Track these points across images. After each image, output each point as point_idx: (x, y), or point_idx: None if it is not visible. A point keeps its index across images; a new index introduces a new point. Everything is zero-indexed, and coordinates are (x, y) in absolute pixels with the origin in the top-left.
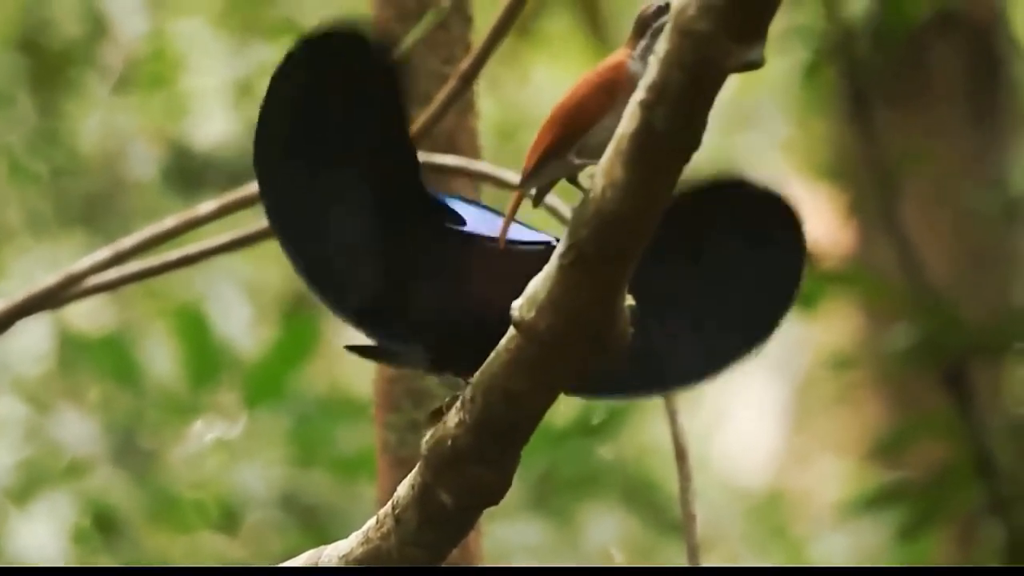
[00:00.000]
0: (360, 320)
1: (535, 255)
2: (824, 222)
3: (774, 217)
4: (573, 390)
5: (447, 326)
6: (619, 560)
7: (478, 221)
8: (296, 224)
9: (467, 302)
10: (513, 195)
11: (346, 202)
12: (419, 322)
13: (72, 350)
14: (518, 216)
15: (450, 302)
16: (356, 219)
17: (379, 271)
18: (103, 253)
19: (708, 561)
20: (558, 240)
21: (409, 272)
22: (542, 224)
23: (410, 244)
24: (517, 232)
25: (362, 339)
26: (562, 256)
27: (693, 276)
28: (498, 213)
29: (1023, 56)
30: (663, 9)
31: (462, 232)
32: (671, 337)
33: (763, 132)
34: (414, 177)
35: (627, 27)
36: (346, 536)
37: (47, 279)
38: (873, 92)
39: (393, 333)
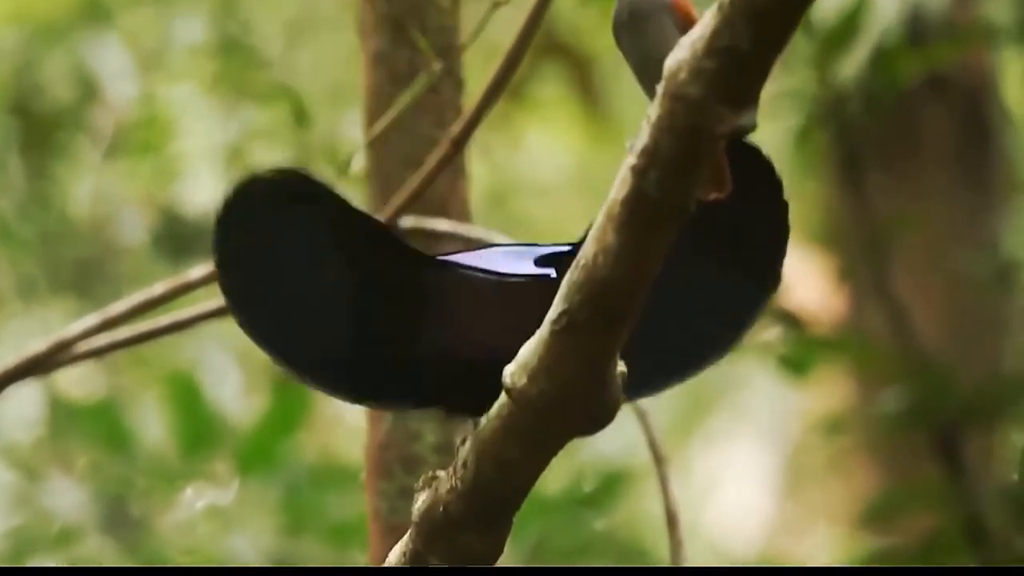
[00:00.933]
0: (361, 392)
1: (531, 288)
2: (815, 287)
3: (752, 172)
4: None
5: (449, 369)
6: None
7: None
8: (270, 311)
9: (466, 340)
10: None
11: (319, 275)
12: (415, 368)
13: (62, 417)
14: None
15: (448, 343)
16: (334, 285)
17: (366, 321)
18: (93, 319)
19: None
20: (569, 248)
21: (397, 316)
22: None
23: (394, 286)
24: (516, 259)
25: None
26: (554, 322)
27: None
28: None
29: (1013, 121)
30: None
31: (452, 267)
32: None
33: None
34: (394, 244)
35: (618, 92)
36: None
37: (37, 345)
38: (864, 156)
39: (401, 390)
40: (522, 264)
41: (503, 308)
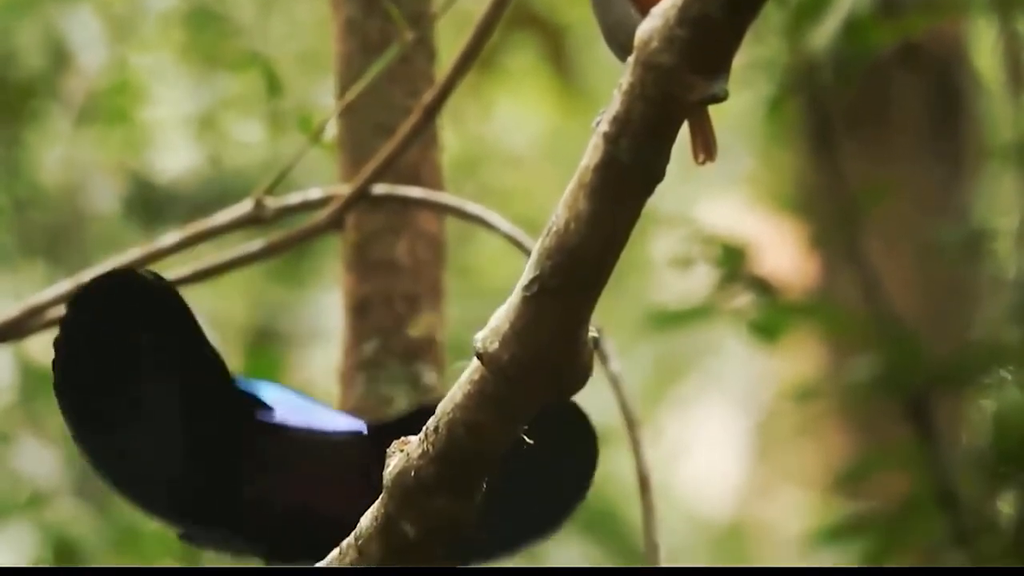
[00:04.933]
0: (182, 521)
1: (341, 443)
2: (788, 254)
3: (572, 426)
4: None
5: (265, 518)
6: None
7: (288, 408)
8: (106, 440)
9: (279, 493)
10: None
11: (151, 414)
12: (238, 516)
13: (33, 382)
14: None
15: (263, 494)
16: (163, 426)
17: (192, 471)
18: (65, 285)
19: None
20: (368, 427)
21: (222, 469)
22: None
23: (221, 441)
24: (324, 420)
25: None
26: (525, 288)
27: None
28: (308, 399)
29: (984, 90)
30: None
31: (271, 424)
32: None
33: (726, 165)
34: (220, 377)
35: (590, 63)
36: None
37: (9, 311)
38: (836, 125)
39: (216, 529)
40: (334, 419)
41: (317, 462)
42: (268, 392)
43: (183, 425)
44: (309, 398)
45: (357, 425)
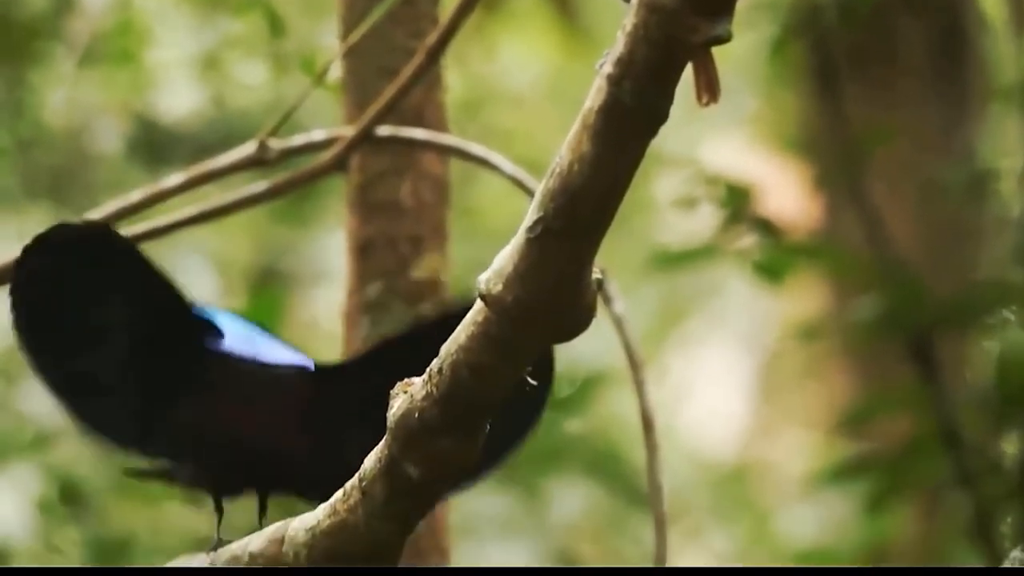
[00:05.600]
0: (129, 445)
1: (285, 376)
2: (791, 195)
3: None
4: None
5: (211, 446)
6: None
7: (239, 338)
8: (59, 361)
9: (226, 422)
10: None
11: (108, 341)
12: (185, 442)
13: None
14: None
15: (210, 422)
16: (118, 352)
17: (143, 396)
18: None
19: (674, 532)
20: (314, 363)
21: (171, 393)
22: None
23: (172, 366)
24: (273, 353)
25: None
26: (529, 229)
27: None
28: (262, 331)
29: (989, 29)
30: None
31: (221, 352)
32: None
33: (730, 106)
34: (177, 306)
35: (594, 3)
36: (313, 509)
37: (14, 252)
38: (840, 66)
39: (162, 454)
40: (282, 353)
41: (258, 392)
42: (224, 322)
43: (134, 352)
44: (264, 331)
45: (303, 361)
